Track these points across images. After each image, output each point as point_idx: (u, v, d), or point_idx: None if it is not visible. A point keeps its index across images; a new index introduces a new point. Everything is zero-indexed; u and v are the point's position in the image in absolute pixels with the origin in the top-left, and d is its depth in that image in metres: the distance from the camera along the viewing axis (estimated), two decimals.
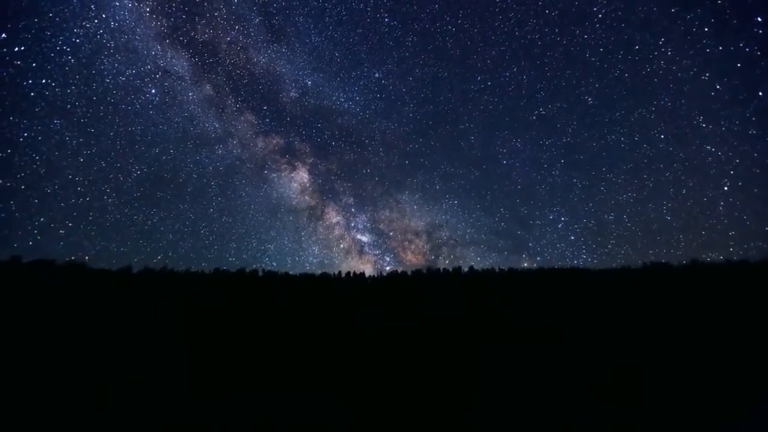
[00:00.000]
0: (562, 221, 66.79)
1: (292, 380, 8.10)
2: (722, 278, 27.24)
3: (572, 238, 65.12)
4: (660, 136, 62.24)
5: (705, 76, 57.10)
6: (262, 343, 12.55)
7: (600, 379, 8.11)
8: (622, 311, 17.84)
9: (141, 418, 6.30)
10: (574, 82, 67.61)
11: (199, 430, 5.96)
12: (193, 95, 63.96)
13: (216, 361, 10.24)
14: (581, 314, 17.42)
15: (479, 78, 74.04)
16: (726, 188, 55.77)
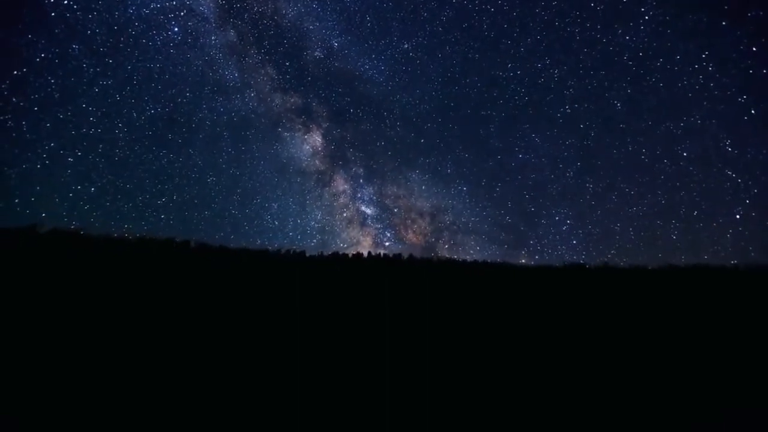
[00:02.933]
0: (568, 224, 66.82)
1: (288, 379, 7.87)
2: (725, 280, 27.42)
3: (574, 242, 65.45)
4: (683, 154, 59.48)
5: (742, 98, 53.43)
6: (255, 338, 12.17)
7: (600, 379, 7.94)
8: (622, 311, 17.64)
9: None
10: (606, 84, 63.65)
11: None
12: (215, 39, 62.44)
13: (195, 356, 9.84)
14: (581, 314, 17.11)
15: (509, 65, 70.06)
16: (738, 216, 54.72)
